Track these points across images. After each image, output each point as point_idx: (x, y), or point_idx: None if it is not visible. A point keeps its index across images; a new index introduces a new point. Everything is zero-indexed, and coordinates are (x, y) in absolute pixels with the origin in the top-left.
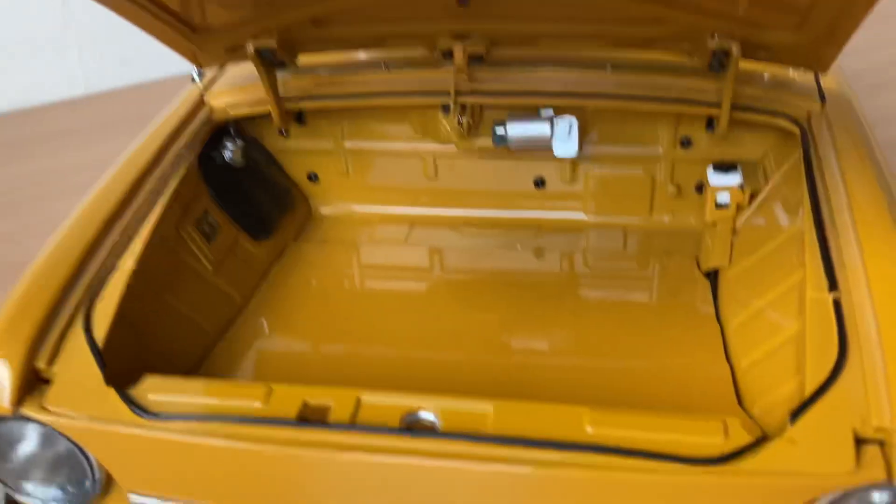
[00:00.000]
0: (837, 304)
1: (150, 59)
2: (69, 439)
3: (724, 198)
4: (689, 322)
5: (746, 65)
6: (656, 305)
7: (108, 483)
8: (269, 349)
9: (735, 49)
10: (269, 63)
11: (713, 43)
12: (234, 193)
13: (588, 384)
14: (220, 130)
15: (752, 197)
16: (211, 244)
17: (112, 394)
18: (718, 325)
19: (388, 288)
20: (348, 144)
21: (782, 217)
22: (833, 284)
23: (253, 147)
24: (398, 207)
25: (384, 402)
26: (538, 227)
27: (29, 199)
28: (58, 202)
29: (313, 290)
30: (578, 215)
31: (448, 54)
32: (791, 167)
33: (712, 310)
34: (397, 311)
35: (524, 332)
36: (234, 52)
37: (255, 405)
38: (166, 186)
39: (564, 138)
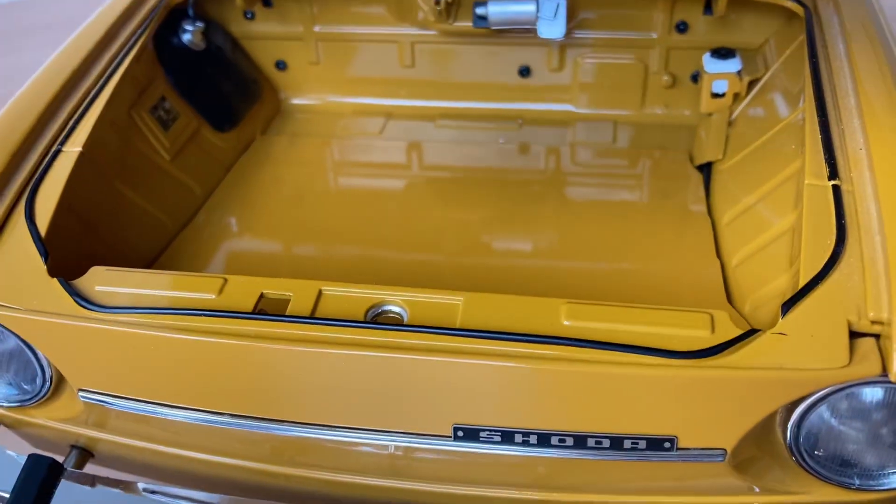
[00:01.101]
0: (837, 191)
1: None
2: (14, 334)
3: (720, 86)
4: (680, 219)
5: None
6: (646, 203)
7: (61, 380)
8: (230, 245)
9: None
10: None
11: None
12: (194, 80)
13: (571, 284)
14: (178, 11)
15: (751, 86)
16: (168, 132)
17: (55, 285)
18: (710, 222)
19: (361, 184)
20: (318, 29)
21: (782, 106)
22: (833, 172)
23: (215, 30)
24: (372, 98)
25: (348, 294)
26: (522, 119)
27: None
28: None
29: (281, 185)
30: (565, 107)
31: None
32: (794, 52)
33: (704, 206)
34: (370, 208)
35: (505, 231)
36: None
37: (210, 297)
38: (118, 67)
39: (550, 18)
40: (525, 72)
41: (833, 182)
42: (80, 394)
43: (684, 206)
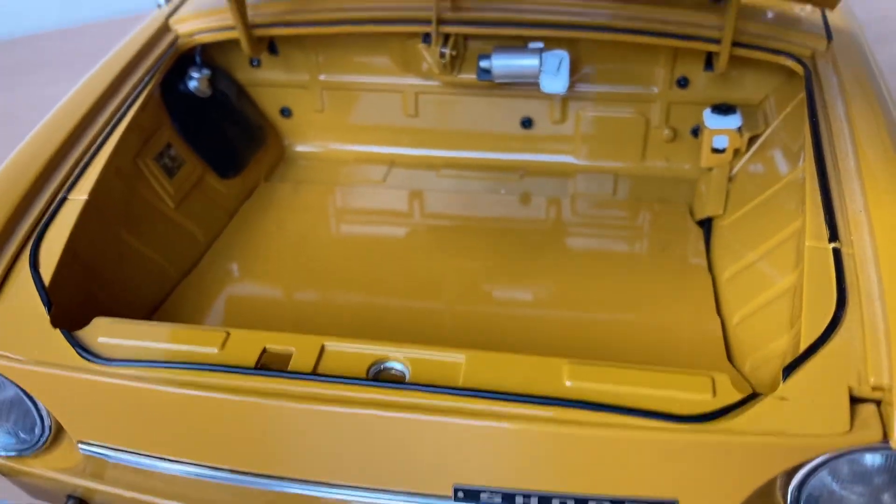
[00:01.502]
0: (837, 254)
1: None
2: (14, 384)
3: (721, 142)
4: (680, 274)
5: None
6: (646, 256)
7: (60, 430)
8: (233, 293)
9: None
10: None
11: None
12: (200, 126)
13: (571, 337)
14: (185, 58)
15: (751, 142)
16: (173, 179)
17: (58, 336)
18: (711, 277)
19: (364, 232)
20: (323, 77)
21: (782, 163)
22: (834, 234)
23: (221, 77)
24: (376, 146)
25: (350, 351)
26: (524, 170)
27: (6, 133)
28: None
29: (284, 232)
30: (567, 158)
31: None
32: (794, 110)
33: (705, 261)
34: (372, 256)
35: (506, 281)
36: None
37: (212, 351)
38: (125, 115)
39: (553, 73)
40: (527, 123)
41: (833, 244)
42: (80, 445)
43: (685, 260)
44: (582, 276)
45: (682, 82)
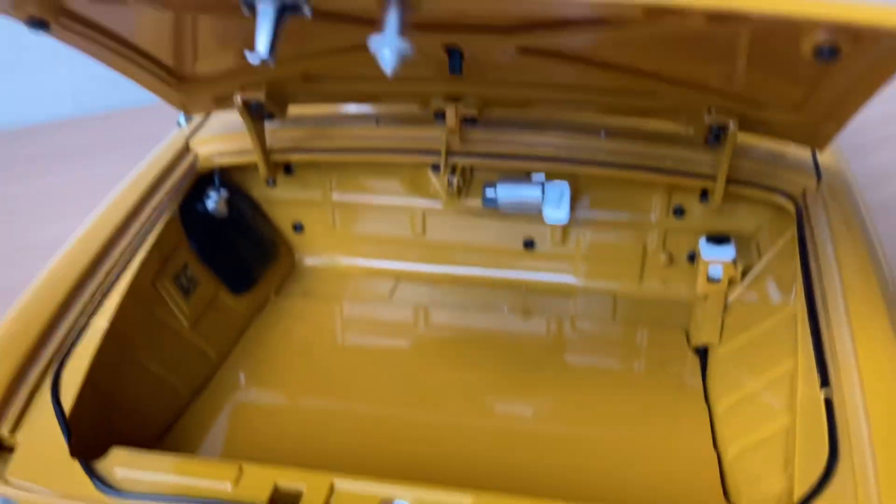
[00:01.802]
0: (829, 404)
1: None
2: None
3: (716, 272)
4: (677, 401)
5: (743, 137)
6: (644, 379)
7: None
8: (243, 411)
9: (732, 125)
10: (257, 114)
11: (710, 118)
12: (215, 245)
13: (569, 458)
14: (204, 179)
15: (745, 272)
16: (189, 299)
17: (77, 467)
18: (706, 406)
19: (371, 345)
20: (336, 196)
21: (775, 296)
22: (825, 380)
23: (237, 196)
24: (384, 261)
25: (358, 491)
26: (526, 288)
27: (17, 221)
28: (42, 227)
29: (293, 347)
30: (567, 278)
31: (440, 115)
32: (785, 245)
33: (700, 388)
34: (379, 370)
35: (507, 397)
36: (223, 102)
37: (225, 487)
38: (145, 240)
39: (556, 204)
40: (530, 244)
41: (825, 391)
42: None
43: (681, 388)
44: (580, 396)
45: (679, 212)
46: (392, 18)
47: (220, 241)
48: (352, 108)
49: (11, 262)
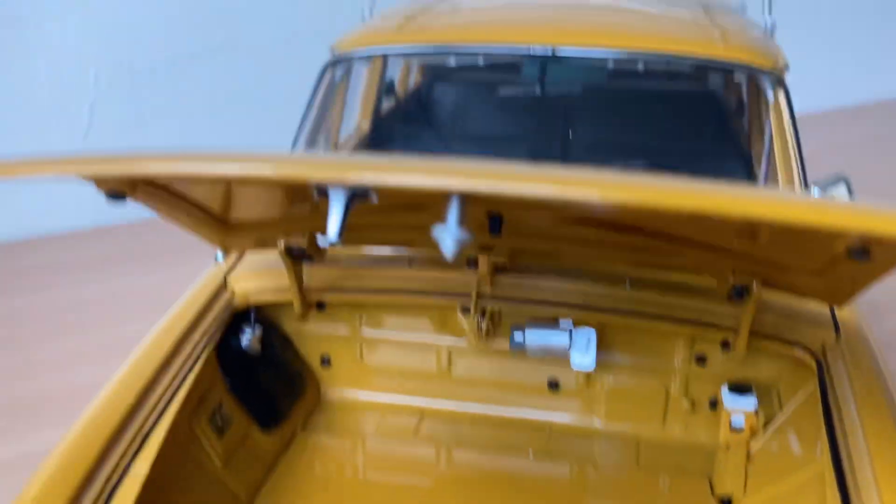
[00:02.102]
0: None
1: None
2: None
3: (738, 421)
4: None
5: (763, 291)
6: None
7: None
8: None
9: (755, 286)
10: (297, 258)
11: (733, 278)
12: (248, 381)
13: None
14: (239, 315)
15: (767, 422)
16: (222, 438)
17: None
18: None
19: (394, 483)
20: (365, 332)
21: (798, 450)
22: None
23: (270, 332)
24: (409, 397)
25: None
26: (549, 429)
27: (36, 334)
28: (64, 339)
29: (318, 485)
30: (591, 421)
31: (472, 262)
32: (807, 398)
33: None
34: None
35: None
36: (263, 243)
37: None
38: (184, 381)
39: (583, 350)
40: (554, 386)
41: None
42: None
43: None
44: None
45: (700, 359)
46: (454, 212)
47: (253, 378)
48: (385, 250)
49: (22, 375)
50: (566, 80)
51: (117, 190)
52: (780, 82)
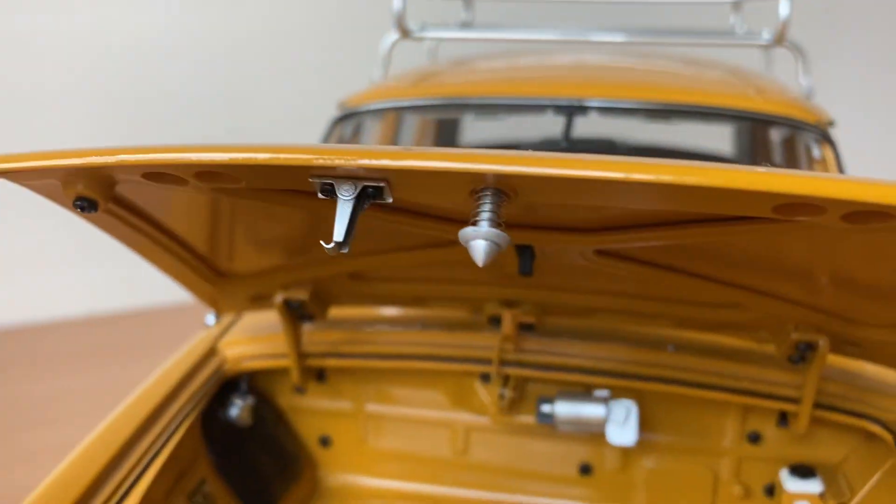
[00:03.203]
0: None
1: (157, 284)
2: None
3: None
4: None
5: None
6: None
7: None
8: None
9: (823, 343)
10: (296, 315)
11: (797, 334)
12: (235, 458)
13: None
14: (229, 383)
15: None
16: None
17: None
18: None
19: None
20: (370, 408)
21: None
22: None
23: (262, 403)
24: (419, 484)
25: None
26: None
27: (15, 425)
28: (43, 431)
29: None
30: None
31: (495, 320)
32: (884, 478)
33: None
34: None
35: None
36: (258, 301)
37: None
38: (161, 450)
39: (621, 423)
40: (586, 469)
41: None
42: None
43: None
44: None
45: (754, 438)
46: (487, 209)
47: (241, 455)
48: (394, 312)
49: (10, 468)
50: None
51: (86, 196)
52: (826, 138)
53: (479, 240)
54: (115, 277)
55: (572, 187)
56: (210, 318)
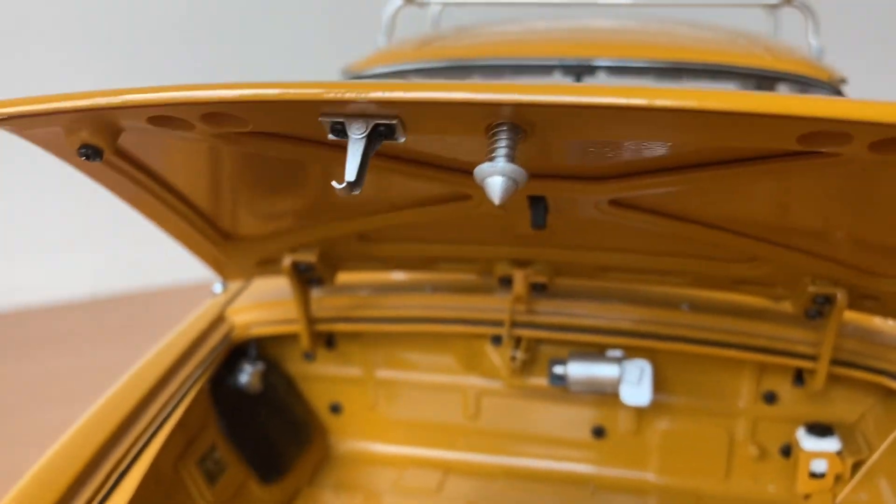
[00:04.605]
0: None
1: (162, 265)
2: None
3: (820, 466)
4: None
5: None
6: None
7: None
8: None
9: (841, 296)
10: (304, 279)
11: (814, 287)
12: (246, 424)
13: None
14: (238, 350)
15: (855, 466)
16: (214, 487)
17: None
18: None
19: None
20: (380, 374)
21: (894, 497)
22: None
23: (272, 370)
24: (430, 450)
25: None
26: (595, 484)
27: (21, 403)
28: (48, 410)
29: None
30: (643, 475)
31: (506, 281)
32: None
33: None
34: None
35: None
36: (265, 266)
37: None
38: (171, 415)
39: (635, 384)
40: (599, 432)
41: None
42: None
43: None
44: None
45: (769, 398)
46: (504, 143)
47: (252, 421)
48: (403, 276)
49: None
50: None
51: (91, 143)
52: (838, 95)
53: (496, 175)
54: (118, 259)
55: (591, 120)
56: (217, 287)
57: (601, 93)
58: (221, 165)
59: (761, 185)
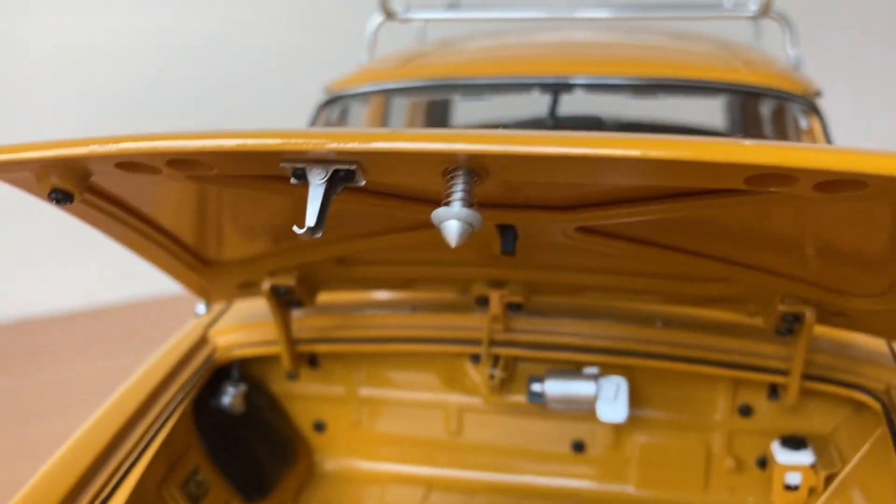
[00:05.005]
0: None
1: (152, 275)
2: None
3: (794, 479)
4: None
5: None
6: None
7: None
8: None
9: (809, 315)
10: (284, 302)
11: (784, 306)
12: (229, 445)
13: None
14: (221, 371)
15: (828, 479)
16: None
17: None
18: None
19: None
20: (363, 392)
21: None
22: None
23: (255, 390)
24: (413, 466)
25: None
26: (575, 498)
27: (12, 417)
28: (40, 423)
29: None
30: (623, 488)
31: (483, 301)
32: (873, 447)
33: None
34: None
35: None
36: (246, 289)
37: None
38: (154, 439)
39: (611, 400)
40: (579, 447)
41: None
42: None
43: None
44: None
45: (745, 411)
46: (459, 189)
47: (235, 442)
48: (383, 296)
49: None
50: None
51: (61, 188)
52: (813, 109)
53: (452, 220)
54: (113, 269)
55: (542, 165)
56: (201, 307)
57: (546, 142)
58: (197, 198)
59: (723, 213)
